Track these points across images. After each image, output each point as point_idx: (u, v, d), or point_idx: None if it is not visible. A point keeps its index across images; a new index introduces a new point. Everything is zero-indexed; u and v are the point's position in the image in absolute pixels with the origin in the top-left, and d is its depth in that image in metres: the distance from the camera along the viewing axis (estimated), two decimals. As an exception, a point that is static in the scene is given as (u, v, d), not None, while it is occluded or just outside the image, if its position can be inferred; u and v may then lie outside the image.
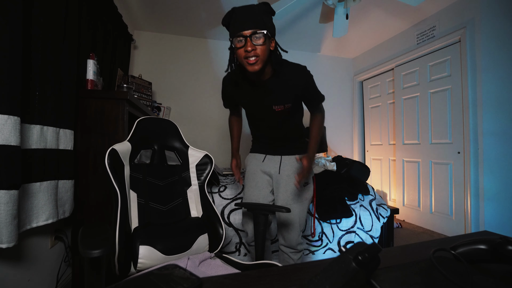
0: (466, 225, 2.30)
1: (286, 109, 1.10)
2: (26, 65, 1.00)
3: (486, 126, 2.18)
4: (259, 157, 1.26)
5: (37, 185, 1.03)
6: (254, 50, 0.89)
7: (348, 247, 0.36)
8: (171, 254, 0.89)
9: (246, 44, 0.88)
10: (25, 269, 1.09)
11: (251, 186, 1.24)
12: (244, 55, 0.90)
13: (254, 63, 0.91)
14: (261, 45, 0.89)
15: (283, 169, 1.20)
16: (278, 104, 1.07)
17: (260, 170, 1.24)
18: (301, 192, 1.18)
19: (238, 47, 0.91)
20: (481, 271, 0.45)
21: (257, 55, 0.90)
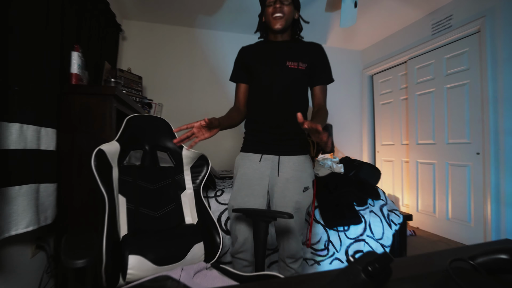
0: (486, 233, 2.30)
1: (300, 69, 1.19)
2: (3, 58, 1.00)
3: (508, 124, 2.18)
4: (254, 157, 1.21)
5: (16, 189, 1.03)
6: (281, 8, 1.14)
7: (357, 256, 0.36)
8: (163, 264, 0.89)
9: (276, 2, 1.14)
10: (3, 281, 1.09)
11: (246, 194, 1.17)
12: (272, 11, 1.15)
13: (280, 18, 1.15)
14: (287, 5, 1.15)
15: (282, 171, 1.18)
16: (292, 60, 1.19)
17: (258, 174, 1.18)
18: (298, 199, 1.16)
19: (268, 4, 1.16)
20: (502, 283, 0.45)
21: (284, 13, 1.15)
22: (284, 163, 1.18)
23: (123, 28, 2.77)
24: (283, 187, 1.16)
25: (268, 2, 1.16)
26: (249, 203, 1.15)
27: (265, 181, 1.19)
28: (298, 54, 1.20)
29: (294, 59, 1.19)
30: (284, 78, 1.19)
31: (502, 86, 2.20)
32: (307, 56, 1.21)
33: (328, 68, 1.28)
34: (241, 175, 1.20)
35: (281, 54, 1.20)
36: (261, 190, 1.18)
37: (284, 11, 1.15)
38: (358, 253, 1.74)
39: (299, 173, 1.18)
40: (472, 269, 0.47)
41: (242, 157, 1.24)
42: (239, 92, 1.29)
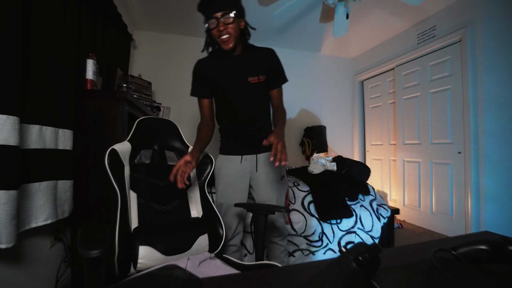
0: (467, 226, 2.30)
1: (260, 82, 1.17)
2: (24, 65, 1.00)
3: (487, 126, 2.18)
4: (235, 159, 1.23)
5: (36, 185, 1.03)
6: (225, 29, 1.03)
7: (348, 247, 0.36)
8: (171, 254, 0.89)
9: (218, 24, 1.02)
10: (25, 270, 1.09)
11: (233, 191, 1.22)
12: (217, 34, 1.04)
13: (227, 40, 1.04)
14: (231, 23, 1.03)
15: (259, 167, 1.23)
16: (253, 75, 1.15)
17: (240, 173, 1.22)
18: (279, 186, 1.25)
19: (212, 28, 1.04)
20: (482, 272, 0.45)
21: (229, 33, 1.04)
22: (261, 160, 1.24)
23: (134, 37, 2.77)
24: (264, 179, 1.23)
25: (210, 24, 1.03)
26: (235, 198, 1.22)
27: (247, 178, 1.25)
28: (256, 67, 1.15)
29: (254, 74, 1.15)
30: (248, 93, 1.17)
31: (482, 91, 2.20)
32: (263, 65, 1.17)
33: (282, 70, 1.23)
34: (225, 175, 1.23)
35: (241, 71, 1.15)
36: (244, 186, 1.24)
37: (229, 31, 1.03)
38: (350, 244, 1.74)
39: (274, 166, 1.23)
40: (454, 259, 0.47)
41: (223, 159, 1.26)
42: (204, 107, 1.22)
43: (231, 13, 1.01)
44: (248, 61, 1.16)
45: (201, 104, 1.23)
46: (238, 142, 1.23)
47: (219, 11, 1.01)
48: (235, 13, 1.02)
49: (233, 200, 1.21)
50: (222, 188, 1.23)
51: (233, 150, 1.25)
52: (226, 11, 1.01)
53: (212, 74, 1.17)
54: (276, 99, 1.24)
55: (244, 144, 1.23)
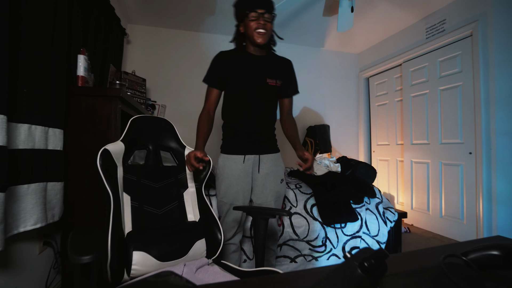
0: (478, 230, 2.30)
1: (277, 86, 1.28)
2: (13, 61, 1.00)
3: (499, 125, 2.18)
4: (238, 159, 1.27)
5: (24, 187, 1.03)
6: (265, 25, 1.16)
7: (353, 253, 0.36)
8: (167, 260, 0.89)
9: (259, 18, 1.15)
10: (12, 276, 1.09)
11: (236, 191, 1.26)
12: (256, 26, 1.15)
13: (263, 34, 1.17)
14: (270, 22, 1.18)
15: (262, 168, 1.29)
16: (272, 78, 1.25)
17: (243, 173, 1.26)
18: (278, 189, 1.31)
19: (251, 18, 1.16)
20: (494, 278, 0.45)
21: (266, 30, 1.17)
22: (263, 161, 1.29)
23: (127, 32, 2.77)
24: (263, 180, 1.28)
25: (251, 16, 1.16)
26: (238, 198, 1.26)
27: (249, 177, 1.29)
28: (276, 71, 1.27)
29: (273, 77, 1.26)
30: (264, 93, 1.26)
31: (494, 88, 2.20)
32: (282, 73, 1.29)
33: (295, 82, 1.37)
34: (228, 175, 1.27)
35: (262, 71, 1.25)
36: (246, 186, 1.28)
37: (267, 28, 1.17)
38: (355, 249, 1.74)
39: (276, 168, 1.31)
40: (464, 265, 0.47)
41: (226, 158, 1.30)
42: (211, 96, 1.28)
43: (272, 14, 1.19)
44: (269, 64, 1.27)
45: (210, 93, 1.28)
46: (243, 141, 1.28)
47: (263, 8, 1.16)
48: (274, 16, 1.20)
49: (236, 200, 1.26)
50: (225, 188, 1.27)
51: (236, 149, 1.28)
52: (268, 10, 1.17)
53: (232, 69, 1.24)
54: (287, 107, 1.36)
55: (248, 143, 1.27)
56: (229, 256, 1.31)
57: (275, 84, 1.27)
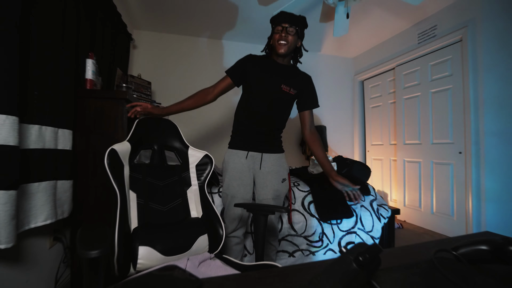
0: (468, 226, 2.30)
1: (290, 93, 1.30)
2: (24, 65, 1.00)
3: (488, 126, 2.18)
4: (241, 154, 1.30)
5: (35, 185, 1.03)
6: (286, 37, 1.23)
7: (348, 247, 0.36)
8: (171, 254, 0.89)
9: (282, 31, 1.23)
10: (24, 270, 1.09)
11: (238, 185, 1.28)
12: (278, 38, 1.24)
13: (284, 45, 1.23)
14: (292, 35, 1.24)
15: (263, 166, 1.30)
16: (287, 85, 1.29)
17: (245, 167, 1.29)
18: (278, 188, 1.31)
19: (276, 31, 1.25)
20: (483, 272, 0.45)
21: (287, 41, 1.23)
22: (265, 159, 1.31)
23: (133, 37, 2.77)
24: (264, 178, 1.30)
25: (276, 30, 1.25)
26: (240, 191, 1.28)
27: (251, 173, 1.31)
28: (292, 81, 1.31)
29: (288, 85, 1.29)
30: (275, 97, 1.29)
31: (483, 91, 2.20)
32: (298, 84, 1.32)
33: (315, 96, 1.38)
34: (231, 168, 1.30)
35: (279, 77, 1.29)
36: (248, 180, 1.30)
37: (288, 40, 1.23)
38: (350, 244, 1.74)
39: (278, 168, 1.32)
40: (455, 259, 0.47)
41: (230, 153, 1.33)
42: (223, 82, 1.32)
43: (295, 27, 1.25)
44: (288, 73, 1.32)
45: (223, 80, 1.32)
46: (247, 138, 1.30)
47: (287, 23, 1.24)
48: (297, 29, 1.25)
49: (238, 193, 1.28)
50: (228, 181, 1.30)
51: (240, 145, 1.31)
52: (292, 24, 1.24)
53: (255, 69, 1.30)
54: (309, 120, 1.37)
55: (252, 141, 1.30)
56: (232, 248, 1.31)
57: (289, 92, 1.29)
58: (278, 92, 1.28)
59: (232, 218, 1.29)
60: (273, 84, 1.28)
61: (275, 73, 1.29)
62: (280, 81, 1.28)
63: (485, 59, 2.20)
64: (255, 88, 1.29)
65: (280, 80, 1.28)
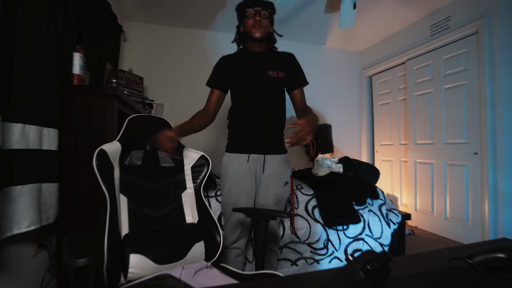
0: (484, 232, 2.30)
1: (279, 77, 1.30)
2: (6, 59, 1.00)
3: (505, 124, 2.18)
4: (242, 157, 1.28)
5: (18, 189, 1.03)
6: (260, 21, 1.24)
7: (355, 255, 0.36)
8: (164, 263, 0.89)
9: (256, 15, 1.24)
10: (6, 279, 1.09)
11: (239, 191, 1.27)
12: (253, 22, 1.24)
13: (260, 28, 1.24)
14: (265, 18, 1.26)
15: (266, 168, 1.29)
16: (272, 70, 1.28)
17: (247, 172, 1.27)
18: (280, 192, 1.30)
19: (249, 16, 1.25)
20: (499, 282, 0.45)
21: (262, 25, 1.25)
22: (268, 161, 1.30)
23: (124, 29, 2.77)
24: (267, 182, 1.29)
25: (248, 14, 1.26)
26: (241, 198, 1.26)
27: (253, 177, 1.29)
28: (277, 64, 1.31)
29: (274, 69, 1.29)
30: (266, 86, 1.29)
31: (500, 87, 2.20)
32: (284, 65, 1.32)
33: (302, 73, 1.39)
34: (231, 174, 1.28)
35: (263, 64, 1.30)
36: (250, 186, 1.28)
37: (262, 24, 1.25)
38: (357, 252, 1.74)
39: (281, 170, 1.31)
40: (470, 268, 0.47)
41: (230, 157, 1.31)
42: (212, 97, 1.33)
43: (267, 10, 1.27)
44: (270, 58, 1.33)
45: (211, 94, 1.33)
46: (247, 139, 1.29)
47: (259, 6, 1.25)
48: (269, 12, 1.28)
49: (239, 200, 1.26)
50: (229, 188, 1.28)
51: (240, 148, 1.30)
52: (264, 8, 1.26)
53: (235, 67, 1.31)
54: (300, 100, 1.36)
55: (252, 142, 1.28)
56: (232, 260, 1.30)
57: (277, 76, 1.29)
58: (267, 80, 1.28)
59: (233, 227, 1.28)
60: (259, 74, 1.28)
61: (256, 63, 1.30)
62: (265, 68, 1.28)
63: (502, 53, 2.20)
64: (243, 85, 1.30)
65: (264, 67, 1.29)
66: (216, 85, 1.32)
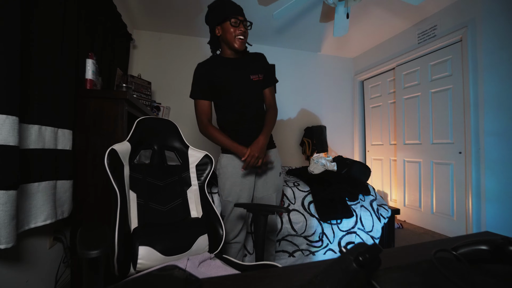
0: (468, 226, 2.30)
1: (260, 80, 1.28)
2: (24, 65, 1.00)
3: (488, 126, 2.18)
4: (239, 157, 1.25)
5: (35, 185, 1.03)
6: (245, 32, 1.20)
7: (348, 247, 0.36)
8: (171, 254, 0.89)
9: (240, 25, 1.18)
10: (24, 270, 1.09)
11: (240, 190, 1.25)
12: (238, 33, 1.18)
13: (243, 41, 1.20)
14: (248, 29, 1.23)
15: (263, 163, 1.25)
16: (254, 74, 1.26)
17: (248, 170, 1.24)
18: (278, 182, 1.33)
19: (233, 25, 1.17)
20: (482, 272, 0.45)
21: (245, 36, 1.21)
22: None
23: (133, 37, 2.77)
24: (265, 175, 1.31)
25: (233, 22, 1.17)
26: (243, 196, 1.26)
27: (253, 175, 1.29)
28: (255, 67, 1.28)
29: (255, 72, 1.27)
30: (251, 89, 1.27)
31: (483, 91, 2.20)
32: (260, 67, 1.30)
33: (273, 71, 1.37)
34: (231, 174, 1.26)
35: (243, 69, 1.26)
36: (250, 184, 1.29)
37: (245, 35, 1.21)
38: (350, 244, 1.74)
39: (275, 163, 1.33)
40: (454, 259, 0.47)
41: (227, 158, 1.28)
42: (204, 108, 1.25)
43: (250, 22, 1.23)
44: (248, 63, 1.28)
45: (202, 106, 1.26)
46: (243, 139, 1.23)
47: (243, 16, 1.20)
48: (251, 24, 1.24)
49: (241, 198, 1.26)
50: (230, 187, 1.26)
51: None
52: (245, 17, 1.21)
53: (217, 76, 1.23)
54: (269, 98, 1.33)
55: (246, 141, 1.23)
56: (233, 254, 1.29)
57: (258, 79, 1.27)
58: (251, 84, 1.25)
59: (234, 223, 1.26)
60: (243, 80, 1.24)
61: (237, 69, 1.25)
62: (247, 73, 1.25)
63: (485, 59, 2.20)
64: (230, 91, 1.24)
65: (246, 72, 1.25)
66: (205, 96, 1.25)
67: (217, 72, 1.23)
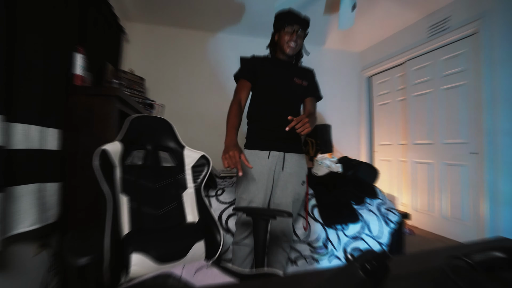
0: (482, 231, 2.29)
1: (303, 85, 1.41)
2: (9, 60, 1.00)
3: (504, 124, 2.17)
4: (262, 154, 1.30)
5: (21, 188, 1.03)
6: (296, 40, 1.33)
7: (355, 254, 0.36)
8: (165, 262, 0.89)
9: (294, 33, 1.33)
10: (8, 278, 1.09)
11: (257, 188, 1.27)
12: (289, 39, 1.33)
13: (294, 47, 1.34)
14: (301, 38, 1.37)
15: (286, 166, 1.32)
16: (298, 78, 1.40)
17: (266, 169, 1.29)
18: (299, 191, 1.33)
19: (287, 31, 1.33)
20: (497, 280, 0.45)
21: (297, 44, 1.35)
22: (288, 159, 1.33)
23: (126, 30, 2.77)
24: (286, 180, 1.31)
25: (287, 30, 1.33)
26: (259, 195, 1.27)
27: (271, 175, 1.31)
28: (302, 74, 1.43)
29: (299, 78, 1.41)
30: (291, 90, 1.38)
31: (498, 87, 2.20)
32: (306, 77, 1.43)
33: (319, 88, 1.49)
34: (250, 170, 1.28)
35: (290, 72, 1.40)
36: (268, 184, 1.29)
37: (297, 42, 1.34)
38: (356, 251, 1.74)
39: (299, 169, 1.35)
40: (467, 267, 0.47)
41: (250, 154, 1.32)
42: (244, 88, 1.35)
43: (305, 32, 1.38)
44: (296, 68, 1.46)
45: (242, 86, 1.36)
46: (269, 136, 1.31)
47: (299, 25, 1.33)
48: (305, 33, 1.39)
49: (256, 197, 1.27)
50: (246, 184, 1.28)
51: (261, 145, 1.32)
52: (303, 28, 1.35)
53: (265, 69, 1.38)
54: (308, 106, 1.43)
55: (274, 139, 1.31)
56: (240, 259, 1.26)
57: (301, 84, 1.40)
58: (292, 85, 1.37)
59: (243, 224, 1.28)
60: (286, 79, 1.37)
61: (284, 68, 1.39)
62: (293, 75, 1.38)
63: (501, 53, 2.19)
64: (269, 85, 1.35)
65: (292, 74, 1.39)
66: (248, 77, 1.36)
67: (266, 64, 1.39)
